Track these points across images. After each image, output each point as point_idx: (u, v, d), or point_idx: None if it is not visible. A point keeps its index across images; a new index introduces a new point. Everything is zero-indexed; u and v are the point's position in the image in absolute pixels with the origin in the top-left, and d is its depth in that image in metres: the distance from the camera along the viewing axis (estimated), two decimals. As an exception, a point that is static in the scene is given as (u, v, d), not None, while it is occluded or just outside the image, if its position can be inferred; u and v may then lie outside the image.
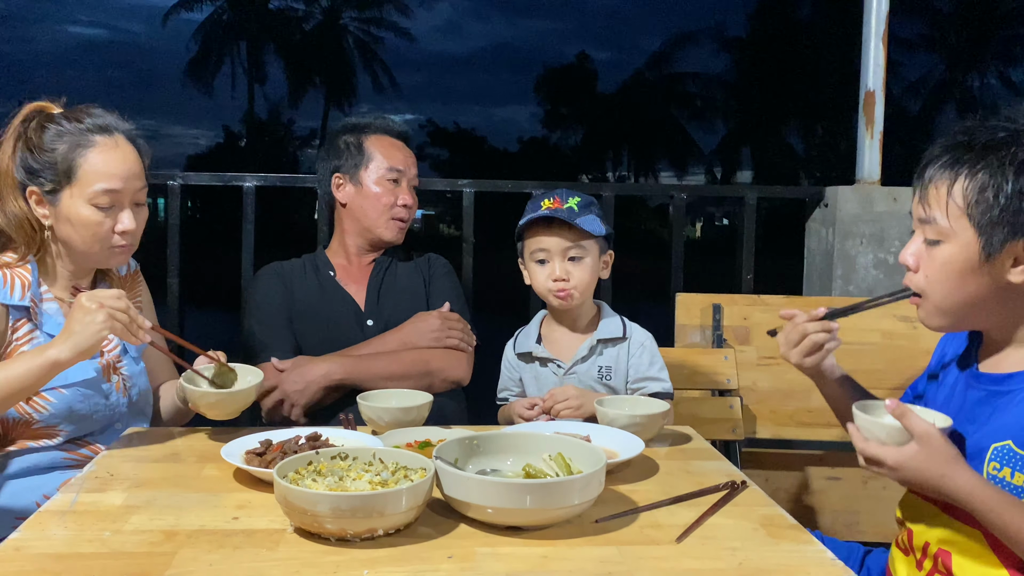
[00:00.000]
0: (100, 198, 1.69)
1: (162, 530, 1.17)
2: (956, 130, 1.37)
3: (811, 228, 3.17)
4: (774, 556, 1.13)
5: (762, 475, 2.52)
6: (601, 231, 1.88)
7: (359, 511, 1.10)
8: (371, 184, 2.28)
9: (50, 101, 1.78)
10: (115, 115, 1.78)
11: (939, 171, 1.34)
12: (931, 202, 1.34)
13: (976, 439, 1.36)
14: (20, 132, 1.73)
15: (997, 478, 1.30)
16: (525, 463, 1.32)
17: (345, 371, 2.06)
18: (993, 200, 1.28)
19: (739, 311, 2.60)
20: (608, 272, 1.94)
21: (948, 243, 1.33)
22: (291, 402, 2.02)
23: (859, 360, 2.51)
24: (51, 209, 1.71)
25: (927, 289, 1.37)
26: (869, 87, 3.03)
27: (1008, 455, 1.30)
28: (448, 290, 2.34)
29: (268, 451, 1.43)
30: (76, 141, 1.69)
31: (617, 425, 1.59)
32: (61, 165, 1.68)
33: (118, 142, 1.73)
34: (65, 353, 1.51)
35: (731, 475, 1.44)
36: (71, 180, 1.69)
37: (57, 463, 1.68)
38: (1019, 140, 1.29)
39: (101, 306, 1.52)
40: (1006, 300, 1.34)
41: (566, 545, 1.14)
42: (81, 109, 1.76)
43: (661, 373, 1.94)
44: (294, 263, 2.35)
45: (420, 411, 1.68)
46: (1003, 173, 1.28)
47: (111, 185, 1.70)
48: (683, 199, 3.12)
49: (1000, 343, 1.40)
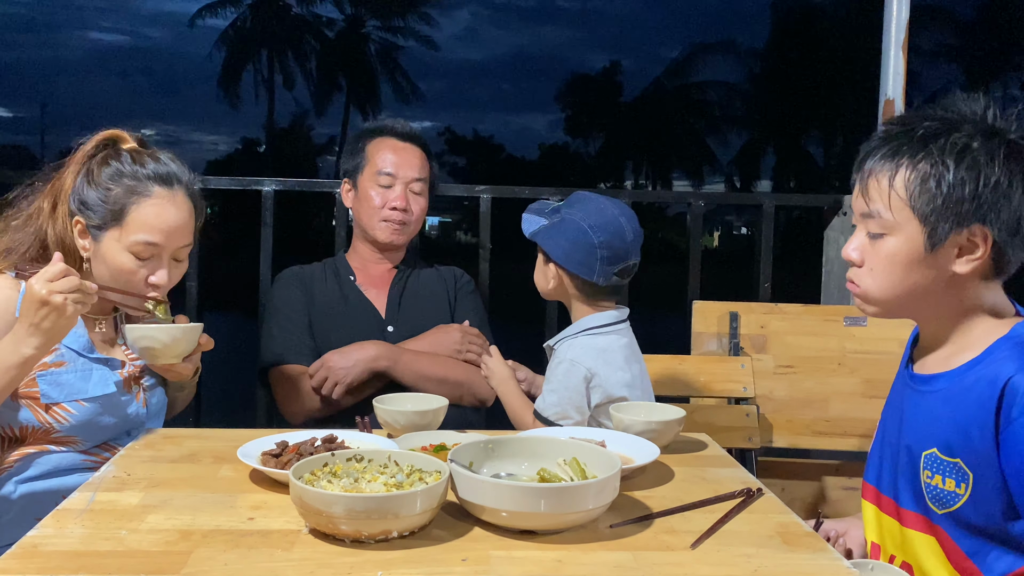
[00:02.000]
0: (140, 249, 1.68)
1: (178, 529, 1.18)
2: (892, 121, 1.36)
3: (829, 236, 3.15)
4: (789, 563, 1.12)
5: (778, 484, 2.51)
6: (527, 229, 1.90)
7: (374, 513, 1.11)
8: (365, 187, 2.29)
9: (128, 132, 1.76)
10: (181, 164, 1.76)
11: (879, 163, 1.32)
12: (872, 195, 1.33)
13: (912, 444, 1.35)
14: (86, 158, 1.72)
15: (931, 486, 1.30)
16: (540, 467, 1.32)
17: (392, 359, 2.09)
18: (936, 190, 1.26)
19: (756, 319, 2.60)
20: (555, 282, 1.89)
21: (892, 236, 1.31)
22: (335, 379, 2.04)
23: (877, 370, 2.51)
24: (92, 244, 1.71)
25: (869, 283, 1.36)
26: (889, 95, 3.01)
27: (936, 463, 1.30)
28: (472, 310, 2.36)
29: (284, 452, 1.44)
30: (133, 187, 1.68)
31: (632, 431, 1.59)
32: (112, 206, 1.67)
33: (175, 196, 1.71)
34: (34, 350, 1.52)
35: (747, 482, 1.43)
36: (118, 223, 1.68)
37: (77, 465, 1.69)
38: (957, 128, 1.28)
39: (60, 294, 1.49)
40: (947, 291, 1.32)
41: (580, 550, 1.14)
42: (151, 152, 1.74)
43: (545, 391, 1.87)
44: (314, 267, 2.36)
45: (435, 415, 1.68)
46: (944, 162, 1.26)
47: (154, 239, 1.68)
48: (701, 207, 3.11)
49: (932, 341, 1.39)
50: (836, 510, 2.53)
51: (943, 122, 1.29)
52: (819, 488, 2.60)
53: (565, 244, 1.84)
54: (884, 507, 1.43)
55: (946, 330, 1.35)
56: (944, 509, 1.30)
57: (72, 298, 1.51)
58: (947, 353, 1.35)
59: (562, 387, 1.83)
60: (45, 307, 1.50)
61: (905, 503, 1.37)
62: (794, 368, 2.55)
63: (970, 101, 1.32)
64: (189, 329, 1.71)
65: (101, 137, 1.75)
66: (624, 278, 1.87)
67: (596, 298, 1.89)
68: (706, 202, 3.17)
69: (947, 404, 1.30)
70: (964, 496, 1.26)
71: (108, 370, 1.73)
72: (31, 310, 1.51)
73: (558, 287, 1.90)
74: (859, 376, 2.53)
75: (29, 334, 1.52)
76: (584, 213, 1.85)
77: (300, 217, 18.57)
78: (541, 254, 1.92)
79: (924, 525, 1.33)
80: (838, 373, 2.54)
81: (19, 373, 1.55)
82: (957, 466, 1.27)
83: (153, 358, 1.71)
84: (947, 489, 1.28)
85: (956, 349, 1.34)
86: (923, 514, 1.33)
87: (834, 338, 2.56)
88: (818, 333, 2.57)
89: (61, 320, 1.51)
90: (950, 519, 1.29)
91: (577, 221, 1.84)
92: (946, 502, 1.29)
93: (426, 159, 2.35)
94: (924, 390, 1.36)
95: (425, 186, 2.33)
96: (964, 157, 1.26)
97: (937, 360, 1.37)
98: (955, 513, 1.28)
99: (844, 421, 2.52)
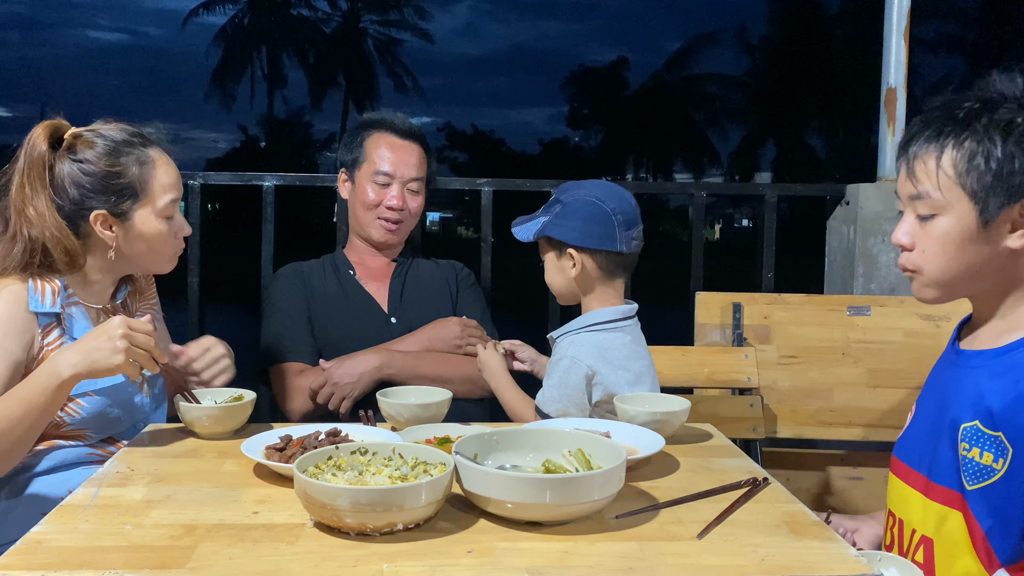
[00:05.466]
0: (169, 208, 1.74)
1: (182, 524, 1.18)
2: (932, 107, 1.37)
3: (832, 226, 3.15)
4: (797, 552, 1.11)
5: (783, 475, 2.50)
6: (527, 237, 1.86)
7: (378, 505, 1.10)
8: (362, 183, 2.28)
9: (55, 117, 1.72)
10: (138, 123, 1.78)
11: (923, 145, 1.33)
12: (920, 176, 1.33)
13: (951, 417, 1.36)
14: (47, 157, 1.67)
15: (967, 459, 1.30)
16: (545, 459, 1.31)
17: (396, 366, 2.08)
18: (985, 166, 1.28)
19: (759, 310, 2.59)
20: (576, 270, 1.84)
21: (943, 215, 1.32)
22: (342, 394, 2.03)
23: (881, 359, 2.50)
24: (120, 229, 1.71)
25: (924, 265, 1.36)
26: (891, 84, 3.00)
27: (976, 435, 1.30)
28: (474, 302, 2.35)
29: (288, 446, 1.43)
30: (138, 156, 1.71)
31: (637, 422, 1.59)
32: (133, 181, 1.69)
33: (161, 152, 1.76)
34: (75, 370, 1.50)
35: (753, 472, 1.42)
36: (145, 195, 1.71)
37: (83, 459, 1.69)
38: (999, 106, 1.29)
39: (127, 339, 1.50)
40: (1003, 268, 1.33)
41: (586, 541, 1.14)
42: (97, 126, 1.73)
43: (545, 387, 1.84)
44: (312, 263, 2.35)
45: (440, 407, 1.68)
46: (990, 138, 1.28)
47: (175, 195, 1.75)
48: (703, 197, 3.10)
49: (983, 318, 1.40)
50: (841, 500, 2.53)
51: (984, 102, 1.31)
52: (824, 478, 2.59)
53: (579, 224, 1.82)
54: (912, 481, 1.43)
55: (1000, 307, 1.36)
56: (976, 484, 1.29)
57: (139, 345, 1.51)
58: (999, 329, 1.36)
59: (562, 384, 1.81)
60: (112, 342, 1.49)
61: (937, 477, 1.37)
62: (798, 358, 2.54)
63: (1007, 81, 1.33)
64: (238, 408, 1.65)
65: (45, 133, 1.68)
66: (639, 246, 1.87)
67: (616, 275, 1.87)
68: (708, 192, 3.16)
69: (996, 378, 1.31)
70: (1000, 471, 1.27)
71: None
72: (97, 339, 1.51)
73: (581, 275, 1.84)
74: (863, 365, 2.52)
75: (74, 353, 1.51)
76: (585, 191, 1.84)
77: (301, 212, 18.57)
78: (551, 252, 1.87)
79: (953, 500, 1.34)
80: (842, 363, 2.53)
81: (56, 396, 1.52)
82: (998, 439, 1.27)
83: (207, 435, 1.65)
84: (983, 463, 1.28)
85: (1009, 326, 1.35)
86: (955, 488, 1.33)
87: (838, 328, 2.55)
88: (822, 323, 2.56)
89: (112, 360, 1.49)
90: (979, 495, 1.29)
91: (583, 198, 1.82)
92: (980, 476, 1.29)
93: (424, 156, 2.34)
94: (972, 364, 1.37)
95: (422, 184, 2.33)
96: (1011, 132, 1.27)
97: (988, 336, 1.38)
98: (987, 488, 1.28)
99: (848, 411, 2.51)
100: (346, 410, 2.03)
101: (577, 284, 1.86)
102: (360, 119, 2.42)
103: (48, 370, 1.51)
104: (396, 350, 2.12)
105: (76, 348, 1.53)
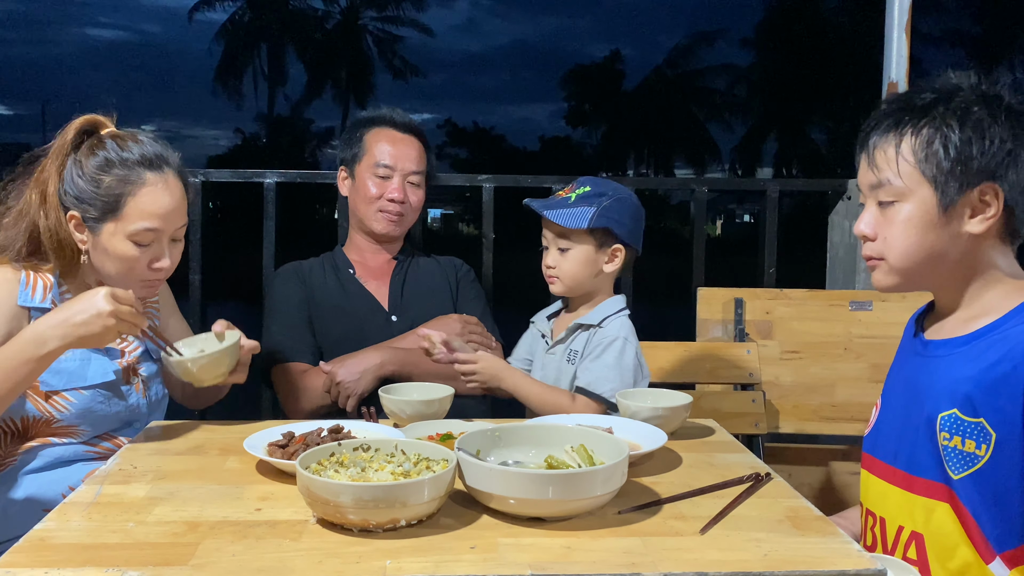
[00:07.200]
0: (142, 236, 1.67)
1: (185, 521, 1.18)
2: (889, 99, 1.40)
3: (834, 221, 3.14)
4: (799, 547, 1.11)
5: (785, 470, 2.50)
6: (581, 224, 1.80)
7: (381, 502, 1.10)
8: (363, 177, 2.28)
9: (103, 115, 1.73)
10: (164, 144, 1.73)
11: (883, 135, 1.35)
12: (880, 165, 1.35)
13: (926, 410, 1.35)
14: (69, 148, 1.68)
15: (950, 448, 1.30)
16: (547, 454, 1.32)
17: (399, 363, 2.07)
18: (943, 152, 1.29)
19: (761, 305, 2.59)
20: (614, 265, 1.86)
21: (904, 202, 1.33)
22: (347, 393, 2.03)
23: (884, 354, 2.49)
24: (90, 237, 1.68)
25: (886, 252, 1.37)
26: (892, 78, 2.99)
27: (956, 423, 1.30)
28: (475, 299, 2.35)
29: (290, 443, 1.43)
30: (126, 177, 1.65)
31: (639, 418, 1.59)
32: (107, 199, 1.65)
33: (167, 179, 1.69)
34: (63, 341, 1.50)
35: (755, 467, 1.42)
36: (116, 215, 1.66)
37: (80, 456, 1.69)
38: (955, 95, 1.32)
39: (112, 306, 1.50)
40: (964, 254, 1.34)
41: (589, 536, 1.14)
42: (132, 134, 1.72)
43: (596, 369, 1.81)
44: (312, 262, 2.35)
45: (442, 404, 1.68)
46: (948, 124, 1.30)
47: (153, 225, 1.67)
48: (704, 193, 3.10)
49: (948, 308, 1.40)
50: (843, 496, 2.52)
51: (941, 91, 1.33)
52: (826, 473, 2.59)
53: (628, 221, 1.85)
54: (889, 477, 1.43)
55: (964, 295, 1.37)
56: (962, 472, 1.29)
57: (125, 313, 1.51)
58: (966, 316, 1.37)
59: (619, 364, 1.81)
60: (93, 308, 1.49)
61: (918, 471, 1.37)
62: (800, 353, 2.54)
63: (962, 76, 1.35)
64: (224, 351, 1.66)
65: (80, 125, 1.71)
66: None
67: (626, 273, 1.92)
68: (709, 188, 3.16)
69: (970, 364, 1.31)
70: (984, 457, 1.27)
71: (107, 359, 1.73)
72: (81, 308, 1.51)
73: (614, 270, 1.87)
74: (865, 361, 2.52)
75: (59, 325, 1.51)
76: (616, 188, 1.87)
77: (302, 209, 18.60)
78: (589, 244, 1.84)
79: (938, 491, 1.33)
80: (844, 358, 2.53)
81: (38, 367, 1.53)
82: (980, 426, 1.27)
83: (200, 382, 1.67)
84: (966, 450, 1.28)
85: (975, 313, 1.36)
86: (940, 480, 1.33)
87: (840, 323, 2.55)
88: (823, 318, 2.56)
89: (94, 325, 1.50)
90: (968, 483, 1.29)
91: (625, 197, 1.86)
92: (965, 464, 1.29)
93: (424, 151, 2.34)
94: (941, 354, 1.37)
95: (423, 178, 2.32)
96: (967, 118, 1.29)
97: (955, 324, 1.38)
98: (974, 476, 1.28)
99: (850, 406, 2.51)
100: (352, 408, 2.03)
101: (599, 278, 1.88)
102: (358, 116, 2.41)
103: (30, 339, 1.51)
104: (398, 347, 2.12)
105: (59, 318, 1.52)
